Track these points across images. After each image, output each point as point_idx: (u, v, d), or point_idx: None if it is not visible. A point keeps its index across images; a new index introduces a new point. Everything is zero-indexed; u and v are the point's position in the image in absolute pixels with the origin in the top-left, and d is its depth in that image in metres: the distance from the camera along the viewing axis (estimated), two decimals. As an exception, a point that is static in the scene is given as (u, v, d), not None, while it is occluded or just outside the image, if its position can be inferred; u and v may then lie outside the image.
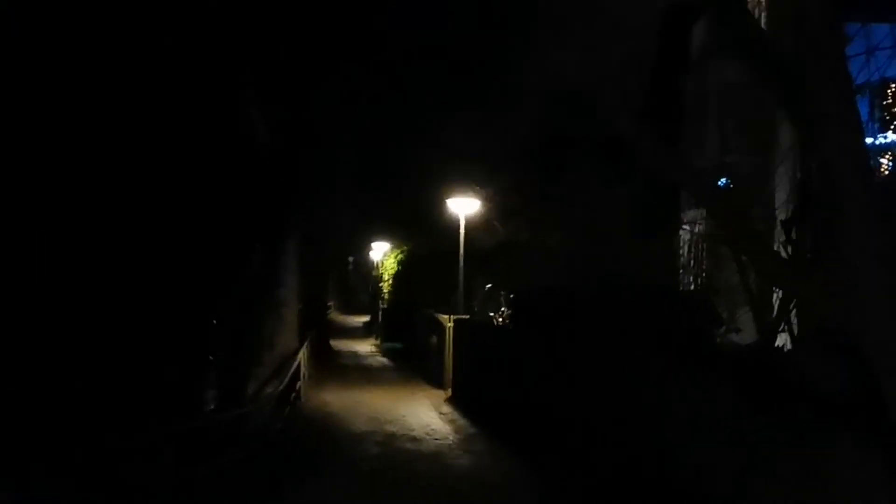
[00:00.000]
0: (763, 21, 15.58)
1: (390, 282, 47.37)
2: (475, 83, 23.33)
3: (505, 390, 20.15)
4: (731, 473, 10.66)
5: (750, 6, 15.92)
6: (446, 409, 24.73)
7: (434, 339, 30.94)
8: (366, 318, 66.57)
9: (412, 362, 36.26)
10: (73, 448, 11.74)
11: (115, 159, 14.05)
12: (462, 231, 28.44)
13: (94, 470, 11.57)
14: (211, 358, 18.35)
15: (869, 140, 20.45)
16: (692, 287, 18.61)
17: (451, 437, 19.97)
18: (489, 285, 30.92)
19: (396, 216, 40.61)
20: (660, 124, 16.08)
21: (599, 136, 18.43)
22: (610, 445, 14.05)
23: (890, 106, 24.92)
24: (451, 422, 22.26)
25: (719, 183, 16.86)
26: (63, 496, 11.05)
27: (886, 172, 23.34)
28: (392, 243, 48.97)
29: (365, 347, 49.59)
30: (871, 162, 14.75)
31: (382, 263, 52.43)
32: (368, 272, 68.70)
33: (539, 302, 18.48)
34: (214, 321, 18.57)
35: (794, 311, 13.84)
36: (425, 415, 23.51)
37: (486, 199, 29.27)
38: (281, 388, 22.60)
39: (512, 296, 25.41)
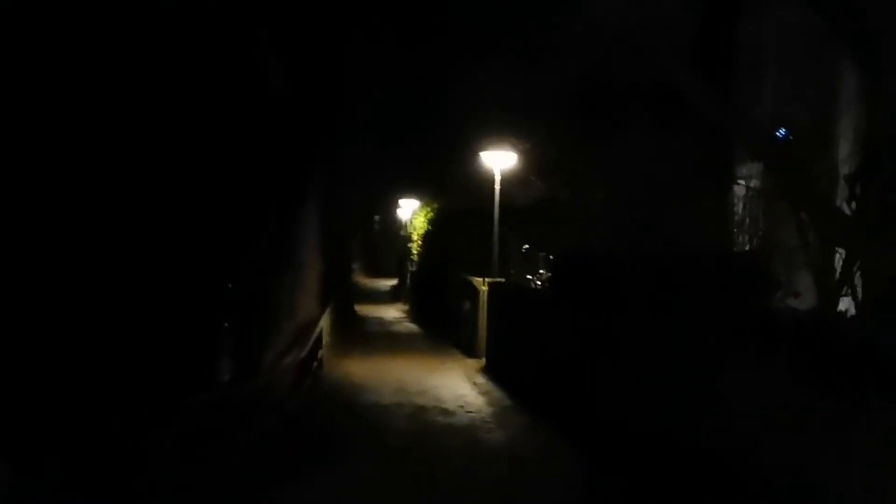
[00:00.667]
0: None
1: (419, 242, 47.28)
2: (513, 26, 23.13)
3: (544, 359, 20.07)
4: (788, 453, 10.56)
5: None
6: (480, 379, 24.77)
7: (467, 305, 30.91)
8: (393, 282, 66.60)
9: (443, 329, 36.25)
10: (74, 424, 11.75)
11: (117, 113, 13.97)
12: (497, 187, 28.38)
13: (95, 447, 11.59)
14: (225, 325, 18.27)
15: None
16: (747, 247, 18.45)
17: (484, 410, 19.98)
18: (526, 246, 30.77)
19: (426, 171, 40.46)
20: (713, 71, 15.93)
21: (648, 83, 18.26)
22: (655, 420, 13.97)
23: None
24: (486, 393, 22.29)
25: (777, 135, 16.68)
26: (64, 473, 11.08)
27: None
28: (421, 201, 48.85)
29: (392, 313, 49.63)
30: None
31: (411, 222, 52.31)
32: (396, 232, 68.64)
33: (581, 264, 18.38)
34: (229, 285, 18.48)
35: (858, 273, 13.73)
36: (457, 386, 23.57)
37: (524, 153, 29.08)
38: (301, 357, 22.54)
39: (551, 257, 25.29)
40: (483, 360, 27.41)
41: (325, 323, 27.22)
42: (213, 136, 16.36)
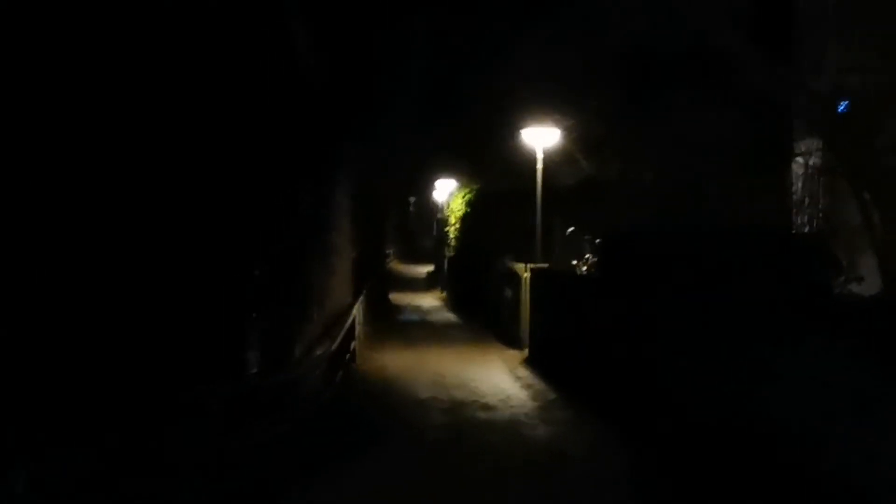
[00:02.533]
0: None
1: (457, 226, 47.26)
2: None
3: (591, 349, 20.02)
4: (854, 448, 10.52)
5: None
6: (522, 371, 24.81)
7: (508, 292, 30.91)
8: (429, 268, 66.67)
9: (483, 318, 36.32)
10: (98, 419, 11.82)
11: (133, 88, 14.03)
12: (539, 167, 28.26)
13: (119, 442, 11.67)
14: (253, 315, 18.34)
15: None
16: (807, 229, 18.38)
17: (528, 405, 19.97)
18: (571, 229, 30.77)
19: (464, 150, 40.50)
20: (768, 38, 15.84)
21: (699, 52, 18.18)
22: (712, 414, 13.92)
23: None
24: (528, 386, 22.31)
25: (838, 107, 16.57)
26: (86, 471, 11.14)
27: None
28: (459, 182, 48.83)
29: (429, 301, 49.69)
30: None
31: (448, 205, 52.29)
32: (432, 215, 68.68)
33: (629, 246, 18.32)
34: (256, 272, 18.53)
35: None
36: (498, 379, 23.59)
37: (568, 130, 29.04)
38: (333, 348, 22.64)
39: (598, 241, 25.23)
40: (525, 351, 27.45)
41: (357, 312, 27.33)
42: (241, 115, 16.38)
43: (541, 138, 28.49)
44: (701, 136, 18.43)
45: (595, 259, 25.93)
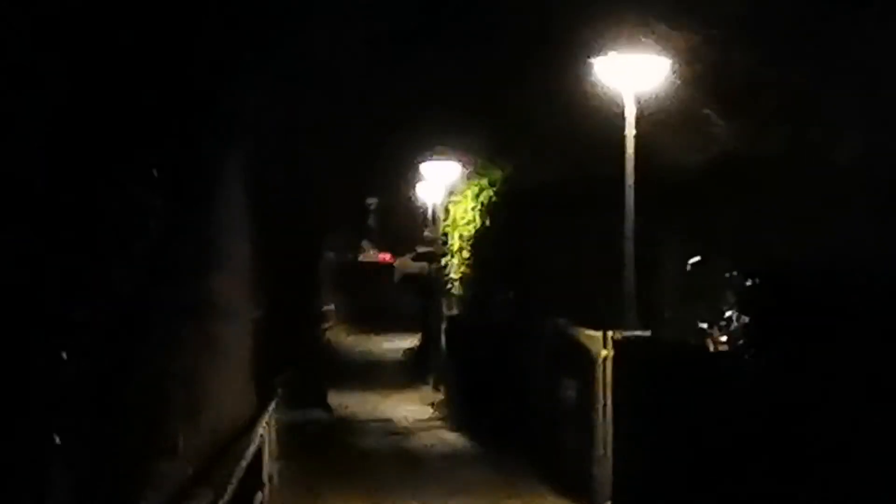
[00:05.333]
0: None
1: (465, 254, 46.89)
2: None
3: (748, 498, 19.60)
4: None
5: None
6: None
7: (570, 389, 30.56)
8: (408, 342, 66.65)
9: (520, 441, 35.98)
10: None
11: None
12: (630, 132, 27.74)
13: None
14: (56, 439, 17.86)
15: None
16: None
17: None
18: (696, 259, 30.47)
19: (479, 102, 40.11)
20: None
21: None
22: None
23: None
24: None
25: None
26: None
27: None
28: (468, 165, 48.36)
29: (408, 408, 49.78)
30: None
31: (448, 213, 51.86)
32: (413, 233, 68.78)
33: (822, 298, 17.90)
34: (63, 354, 18.03)
35: None
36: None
37: (685, 57, 28.62)
38: (217, 506, 22.32)
39: (751, 282, 24.92)
40: (608, 507, 27.04)
41: (267, 434, 26.99)
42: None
43: (633, 75, 27.97)
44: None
45: (747, 320, 25.50)
